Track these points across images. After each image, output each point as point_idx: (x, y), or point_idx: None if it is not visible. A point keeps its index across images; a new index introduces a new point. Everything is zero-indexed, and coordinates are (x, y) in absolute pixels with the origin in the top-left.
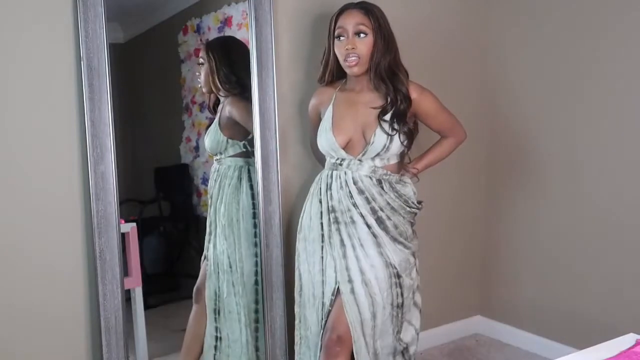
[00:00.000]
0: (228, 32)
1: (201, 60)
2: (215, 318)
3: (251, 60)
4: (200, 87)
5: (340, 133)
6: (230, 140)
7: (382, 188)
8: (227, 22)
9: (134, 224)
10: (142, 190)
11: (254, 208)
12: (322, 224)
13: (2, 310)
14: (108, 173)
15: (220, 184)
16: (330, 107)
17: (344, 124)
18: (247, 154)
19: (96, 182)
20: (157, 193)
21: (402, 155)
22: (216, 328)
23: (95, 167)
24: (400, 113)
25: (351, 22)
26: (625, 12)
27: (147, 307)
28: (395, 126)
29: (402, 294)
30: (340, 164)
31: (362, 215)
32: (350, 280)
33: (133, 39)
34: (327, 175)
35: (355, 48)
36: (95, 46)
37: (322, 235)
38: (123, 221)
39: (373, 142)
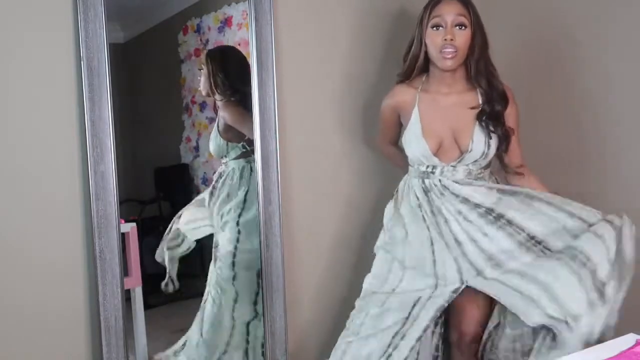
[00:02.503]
0: (228, 32)
1: (201, 68)
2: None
3: (251, 60)
4: (200, 89)
5: (431, 138)
6: (229, 144)
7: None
8: (227, 22)
9: (134, 224)
10: (142, 190)
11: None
12: (428, 227)
13: (1, 310)
14: (108, 173)
15: (223, 184)
16: (416, 111)
17: (433, 128)
18: (248, 154)
19: (96, 182)
20: (157, 193)
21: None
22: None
23: (95, 167)
24: (498, 114)
25: (451, 11)
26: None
27: (147, 307)
28: (492, 129)
29: None
30: (432, 172)
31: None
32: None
33: (133, 39)
34: (420, 183)
35: (454, 39)
36: (95, 46)
37: (431, 239)
38: (123, 221)
39: (471, 150)
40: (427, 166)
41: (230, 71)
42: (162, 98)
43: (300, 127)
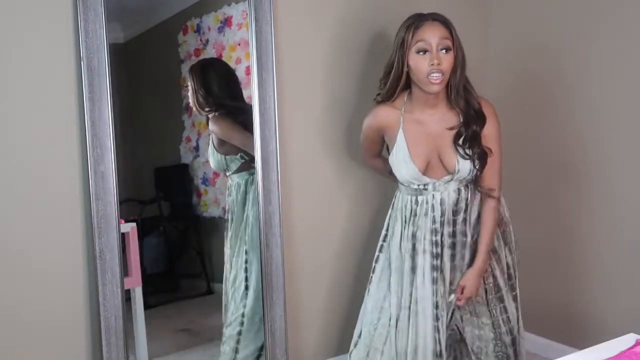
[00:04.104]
0: (228, 32)
1: (186, 84)
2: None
3: (251, 60)
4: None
5: (418, 160)
6: (227, 157)
7: (467, 199)
8: (227, 22)
9: (134, 224)
10: (142, 190)
11: None
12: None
13: (2, 310)
14: (108, 173)
15: (234, 199)
16: (401, 134)
17: (420, 149)
18: (249, 165)
19: (96, 182)
20: (157, 193)
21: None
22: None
23: (95, 167)
24: (474, 134)
25: (436, 35)
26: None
27: (147, 307)
28: (468, 151)
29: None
30: (425, 189)
31: (433, 243)
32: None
33: (133, 39)
34: (412, 202)
35: (441, 64)
36: (95, 46)
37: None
38: (123, 221)
39: (458, 171)
40: (420, 184)
41: (212, 86)
42: (162, 98)
43: (301, 127)
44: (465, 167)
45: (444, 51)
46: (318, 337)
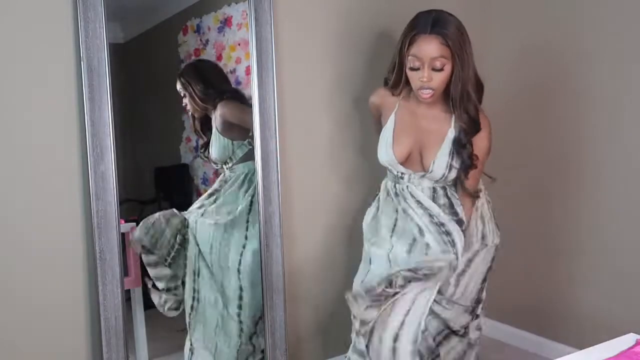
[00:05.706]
0: (228, 32)
1: (181, 92)
2: (194, 279)
3: (251, 60)
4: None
5: (399, 148)
6: (235, 142)
7: (440, 204)
8: (227, 22)
9: (134, 224)
10: (142, 190)
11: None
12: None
13: (2, 310)
14: (108, 173)
15: (231, 188)
16: (392, 118)
17: (404, 138)
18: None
19: (96, 182)
20: (157, 193)
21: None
22: (194, 289)
23: (95, 167)
24: (463, 142)
25: (428, 53)
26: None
27: (147, 307)
28: (457, 153)
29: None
30: (402, 178)
31: (421, 223)
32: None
33: (133, 39)
34: (392, 187)
35: (431, 81)
36: (95, 46)
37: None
38: (123, 221)
39: (432, 171)
40: (397, 171)
41: (208, 76)
42: (162, 98)
43: (300, 127)
44: (439, 170)
45: (436, 70)
46: (318, 337)
